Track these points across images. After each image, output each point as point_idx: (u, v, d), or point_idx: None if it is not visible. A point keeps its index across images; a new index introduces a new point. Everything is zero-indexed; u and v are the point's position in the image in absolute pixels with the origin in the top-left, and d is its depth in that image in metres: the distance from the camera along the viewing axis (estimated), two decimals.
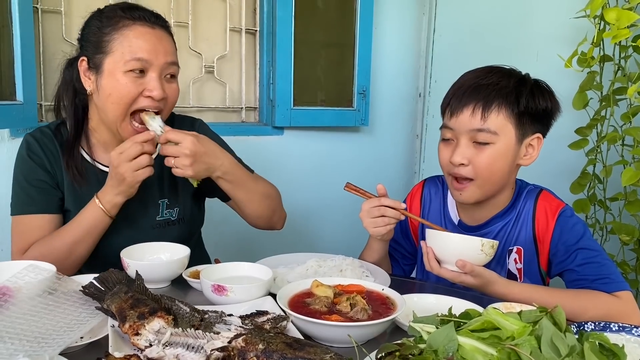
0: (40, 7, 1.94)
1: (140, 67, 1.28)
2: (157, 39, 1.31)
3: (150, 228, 1.43)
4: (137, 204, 1.39)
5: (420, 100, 2.76)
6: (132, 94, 1.28)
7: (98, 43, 1.30)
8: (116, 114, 1.30)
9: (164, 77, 1.33)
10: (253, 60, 2.44)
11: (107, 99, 1.30)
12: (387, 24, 2.61)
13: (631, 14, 1.79)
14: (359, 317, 0.97)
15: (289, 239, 2.49)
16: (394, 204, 1.31)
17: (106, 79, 1.29)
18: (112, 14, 1.31)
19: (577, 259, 1.28)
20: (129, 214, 1.39)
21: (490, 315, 0.78)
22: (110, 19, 1.30)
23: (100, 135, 1.42)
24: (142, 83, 1.29)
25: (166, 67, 1.32)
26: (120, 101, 1.29)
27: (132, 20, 1.30)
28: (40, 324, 0.93)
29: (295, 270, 1.29)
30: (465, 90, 1.29)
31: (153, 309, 0.91)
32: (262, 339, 0.81)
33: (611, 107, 2.01)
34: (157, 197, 1.45)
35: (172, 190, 1.47)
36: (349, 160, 2.60)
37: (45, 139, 1.39)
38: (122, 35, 1.28)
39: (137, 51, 1.27)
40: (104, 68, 1.29)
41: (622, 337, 1.01)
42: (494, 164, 1.29)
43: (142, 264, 1.22)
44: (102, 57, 1.29)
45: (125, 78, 1.28)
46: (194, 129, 1.50)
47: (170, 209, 1.47)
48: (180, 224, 1.48)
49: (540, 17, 2.46)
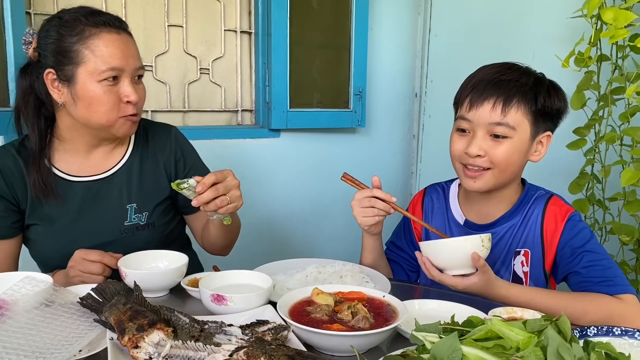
0: (33, 11, 1.92)
1: (114, 75, 1.28)
2: (125, 45, 1.30)
3: (118, 233, 1.41)
4: (104, 209, 1.40)
5: (416, 100, 2.75)
6: (112, 103, 1.29)
7: (65, 53, 1.27)
8: (104, 120, 1.30)
9: (133, 80, 1.33)
10: (249, 62, 2.43)
11: (88, 108, 1.29)
12: (383, 24, 2.60)
13: (628, 14, 1.79)
14: (361, 325, 0.96)
15: (286, 243, 2.49)
16: (386, 196, 1.32)
17: (82, 90, 1.28)
18: (74, 22, 1.28)
19: (583, 261, 1.28)
20: (96, 219, 1.39)
21: (495, 326, 0.77)
22: (74, 28, 1.27)
23: (70, 143, 1.40)
24: (117, 90, 1.30)
25: (135, 72, 1.33)
26: (103, 109, 1.29)
27: (97, 27, 1.27)
28: (37, 338, 0.91)
29: (294, 277, 1.28)
30: (486, 84, 1.30)
31: (152, 321, 0.90)
32: (264, 351, 0.80)
33: (609, 107, 2.01)
34: (125, 202, 1.43)
35: (141, 195, 1.45)
36: (346, 162, 2.59)
37: (6, 158, 1.36)
38: (92, 45, 1.26)
39: (109, 60, 1.27)
40: (77, 79, 1.27)
41: (626, 341, 1.00)
42: (509, 157, 1.30)
43: (141, 273, 1.21)
44: (72, 67, 1.27)
45: (101, 87, 1.27)
46: (170, 136, 1.50)
47: (139, 214, 1.44)
48: (150, 229, 1.45)
49: (536, 17, 2.46)
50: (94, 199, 1.40)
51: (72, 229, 1.37)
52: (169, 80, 2.26)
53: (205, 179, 1.21)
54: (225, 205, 1.24)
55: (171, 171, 1.49)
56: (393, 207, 1.33)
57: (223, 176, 1.24)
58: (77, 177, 1.40)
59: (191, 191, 1.22)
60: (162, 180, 1.47)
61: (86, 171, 1.41)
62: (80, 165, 1.41)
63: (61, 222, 1.37)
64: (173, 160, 1.49)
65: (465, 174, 1.35)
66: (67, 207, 1.38)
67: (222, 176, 1.23)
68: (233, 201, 1.25)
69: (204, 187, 1.20)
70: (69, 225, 1.38)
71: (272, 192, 2.43)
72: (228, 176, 1.25)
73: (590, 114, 2.12)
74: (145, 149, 1.48)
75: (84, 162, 1.42)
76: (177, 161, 1.50)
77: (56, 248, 1.37)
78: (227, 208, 1.25)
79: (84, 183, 1.40)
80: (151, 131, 1.50)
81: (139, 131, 1.48)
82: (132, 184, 1.44)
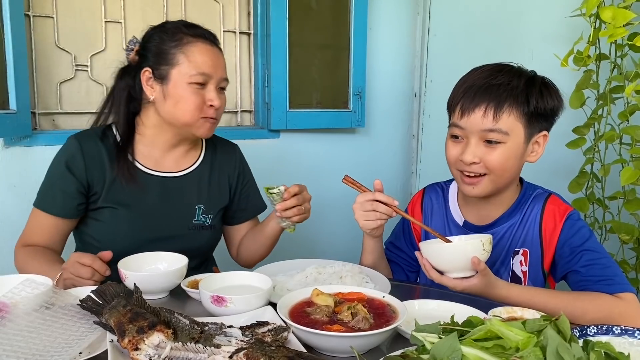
0: (32, 13, 1.92)
1: (203, 81, 1.42)
2: (216, 57, 1.45)
3: (185, 229, 1.53)
4: (176, 205, 1.52)
5: (416, 100, 2.75)
6: (197, 103, 1.42)
7: (162, 55, 1.42)
8: (187, 118, 1.43)
9: (217, 89, 1.46)
10: (248, 63, 2.43)
11: (175, 105, 1.42)
12: (382, 24, 2.60)
13: (627, 13, 1.79)
14: (361, 326, 0.96)
15: (286, 243, 2.47)
16: (388, 199, 1.31)
17: (172, 88, 1.41)
18: (175, 30, 1.44)
19: (582, 260, 1.28)
20: (169, 213, 1.50)
21: (494, 326, 0.77)
22: (174, 35, 1.43)
23: (150, 139, 1.51)
24: (203, 94, 1.43)
25: (221, 81, 1.47)
26: (188, 108, 1.41)
27: (195, 37, 1.43)
28: (37, 341, 0.91)
29: (294, 278, 1.28)
30: (476, 90, 1.29)
31: (152, 323, 0.90)
32: (264, 352, 0.80)
33: (608, 105, 2.01)
34: (194, 202, 1.55)
35: (208, 199, 1.57)
36: (346, 162, 2.59)
37: (90, 142, 1.46)
38: (188, 51, 1.41)
39: (201, 66, 1.41)
40: (170, 78, 1.41)
41: (625, 340, 1.00)
42: (504, 162, 1.29)
43: (141, 274, 1.20)
44: (167, 68, 1.42)
45: (189, 89, 1.41)
46: (235, 153, 1.68)
47: (205, 215, 1.56)
48: (211, 230, 1.58)
49: (535, 16, 2.46)
50: (169, 194, 1.52)
51: (147, 218, 1.47)
52: None
53: (291, 189, 1.40)
54: (301, 214, 1.42)
55: (233, 183, 1.64)
56: (395, 211, 1.32)
57: (301, 189, 1.43)
58: (153, 170, 1.51)
59: (279, 196, 1.39)
60: (224, 189, 1.62)
61: (162, 167, 1.52)
62: (156, 162, 1.52)
63: (138, 210, 1.47)
64: (236, 174, 1.65)
65: (463, 180, 1.35)
66: (145, 196, 1.48)
67: (301, 189, 1.42)
68: (304, 212, 1.44)
69: (289, 195, 1.39)
70: (145, 214, 1.47)
71: None
72: (304, 190, 1.44)
73: (590, 113, 2.12)
74: (215, 158, 1.62)
75: (160, 160, 1.53)
76: (239, 175, 1.66)
77: (128, 232, 1.45)
78: (302, 217, 1.44)
79: (159, 178, 1.51)
80: (219, 145, 1.65)
81: (209, 142, 1.63)
82: (202, 187, 1.57)
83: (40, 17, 1.95)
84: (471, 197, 1.38)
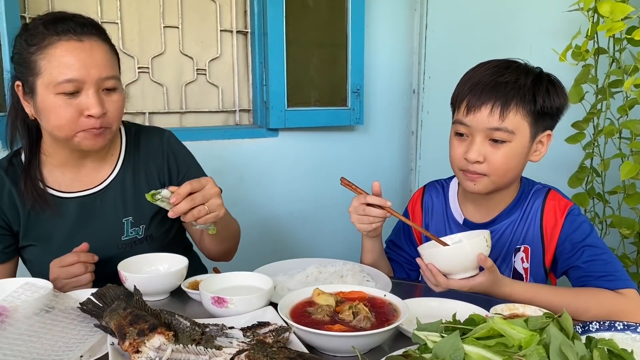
0: (28, 15, 1.91)
1: (72, 89, 1.19)
2: (86, 54, 1.19)
3: (116, 249, 1.37)
4: (100, 224, 1.36)
5: (414, 97, 2.74)
6: (70, 116, 1.20)
7: (27, 64, 1.20)
8: (63, 135, 1.24)
9: (102, 92, 1.23)
10: (245, 62, 2.42)
11: (47, 122, 1.23)
12: (379, 21, 2.59)
13: (625, 7, 1.79)
14: (362, 325, 0.96)
15: (286, 243, 2.48)
16: (380, 202, 1.29)
17: (41, 102, 1.21)
18: (35, 30, 1.20)
19: (583, 256, 1.28)
20: (93, 235, 1.33)
21: (496, 324, 0.77)
22: (35, 37, 1.20)
23: (56, 158, 1.34)
24: (78, 103, 1.20)
25: (101, 82, 1.22)
26: (59, 123, 1.21)
27: (57, 35, 1.18)
28: (38, 344, 0.91)
29: (295, 278, 1.28)
30: (483, 88, 1.27)
31: (153, 325, 0.90)
32: (265, 354, 0.80)
33: (607, 100, 2.00)
34: (120, 215, 1.38)
35: (136, 207, 1.39)
36: (345, 160, 2.59)
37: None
38: (49, 55, 1.18)
39: (65, 72, 1.17)
40: (37, 91, 1.21)
41: (628, 336, 1.00)
42: (509, 162, 1.28)
43: (141, 276, 1.20)
44: (33, 79, 1.20)
45: (58, 100, 1.19)
46: (162, 142, 1.44)
47: (136, 227, 1.39)
48: (149, 241, 1.41)
49: (533, 11, 2.45)
50: (89, 215, 1.36)
51: (69, 246, 1.27)
52: (166, 81, 2.25)
53: (180, 189, 1.15)
54: (204, 215, 1.18)
55: (165, 179, 1.43)
56: (389, 212, 1.30)
57: (200, 185, 1.18)
58: (69, 192, 1.35)
59: (165, 202, 1.17)
60: (155, 189, 1.40)
61: (77, 186, 1.36)
62: (70, 181, 1.36)
63: (58, 239, 1.33)
64: (166, 168, 1.43)
65: (465, 177, 1.34)
66: (63, 223, 1.34)
67: (199, 185, 1.17)
68: (213, 210, 1.19)
69: (179, 198, 1.14)
70: (66, 242, 1.31)
71: (271, 191, 2.43)
72: (207, 184, 1.19)
73: (589, 107, 2.11)
74: (137, 158, 1.42)
75: (74, 177, 1.37)
76: (170, 168, 1.44)
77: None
78: (206, 218, 1.19)
79: (77, 199, 1.36)
80: (143, 138, 1.44)
81: (130, 140, 1.43)
82: (126, 197, 1.39)
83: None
84: (472, 194, 1.37)
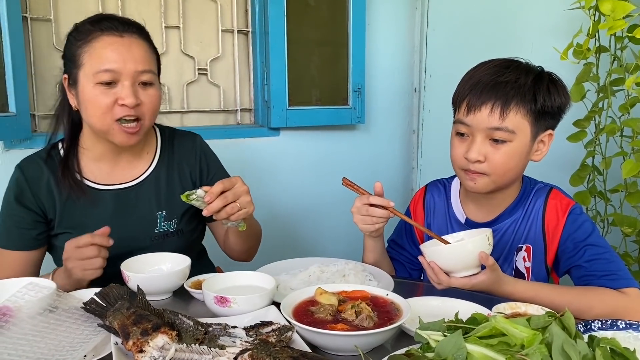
0: (30, 15, 1.92)
1: (110, 79, 1.27)
2: (125, 48, 1.29)
3: (149, 240, 1.43)
4: (135, 216, 1.41)
5: (415, 95, 2.74)
6: (105, 105, 1.27)
7: (72, 58, 1.30)
8: (99, 125, 1.30)
9: (138, 85, 1.31)
10: (246, 61, 2.42)
11: (86, 112, 1.31)
12: (380, 20, 2.59)
13: (626, 5, 1.79)
14: (365, 324, 0.96)
15: (288, 242, 2.49)
16: (383, 202, 1.29)
17: (82, 93, 1.29)
18: (82, 27, 1.31)
19: (586, 255, 1.28)
20: (128, 227, 1.39)
21: (499, 323, 0.77)
22: (82, 33, 1.30)
23: (94, 151, 1.41)
24: (115, 93, 1.28)
25: (137, 76, 1.30)
26: (96, 112, 1.29)
27: (101, 31, 1.28)
28: (42, 344, 0.92)
29: (297, 277, 1.28)
30: (483, 87, 1.27)
31: (156, 325, 0.90)
32: (269, 353, 0.80)
33: (609, 98, 2.01)
34: (154, 209, 1.44)
35: (169, 203, 1.46)
36: (347, 159, 2.59)
37: (33, 168, 1.38)
38: (91, 48, 1.27)
39: (104, 62, 1.26)
40: (79, 82, 1.29)
41: (630, 335, 1.00)
42: (509, 161, 1.28)
43: (143, 276, 1.21)
44: (76, 71, 1.29)
45: (96, 90, 1.27)
46: (195, 145, 1.53)
47: (169, 221, 1.46)
48: (179, 236, 1.48)
49: (534, 9, 2.45)
50: (125, 207, 1.42)
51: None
52: (167, 81, 2.25)
53: (213, 188, 1.22)
54: (236, 212, 1.25)
55: (196, 179, 1.52)
56: (392, 212, 1.31)
57: (231, 183, 1.25)
58: (104, 185, 1.41)
59: (200, 201, 1.23)
60: (188, 188, 1.44)
61: (113, 179, 1.42)
62: (106, 174, 1.42)
63: (93, 228, 1.32)
64: (198, 168, 1.52)
65: (466, 176, 1.34)
66: (99, 214, 1.39)
67: (230, 184, 1.25)
68: (243, 207, 1.26)
69: (213, 197, 1.21)
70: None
71: (273, 190, 2.43)
72: (236, 183, 1.26)
73: (590, 105, 2.11)
74: (172, 157, 1.50)
75: (110, 171, 1.43)
76: (202, 168, 1.52)
77: None
78: (238, 215, 1.26)
79: (113, 191, 1.41)
80: (177, 140, 1.52)
81: (164, 140, 1.51)
82: (160, 192, 1.46)
83: (38, 19, 1.95)
84: (473, 193, 1.37)
